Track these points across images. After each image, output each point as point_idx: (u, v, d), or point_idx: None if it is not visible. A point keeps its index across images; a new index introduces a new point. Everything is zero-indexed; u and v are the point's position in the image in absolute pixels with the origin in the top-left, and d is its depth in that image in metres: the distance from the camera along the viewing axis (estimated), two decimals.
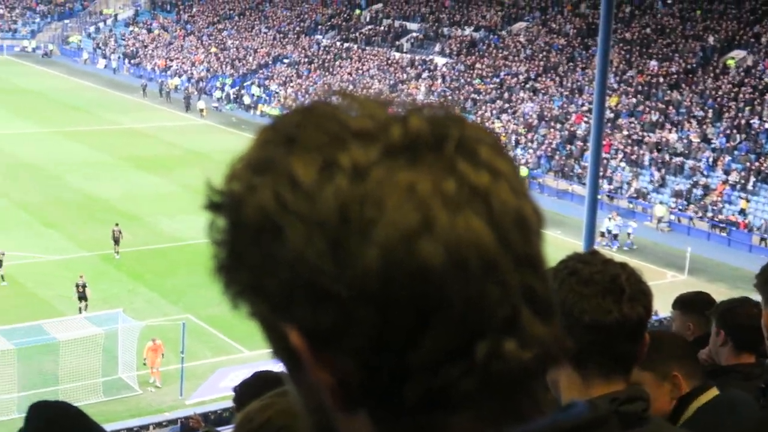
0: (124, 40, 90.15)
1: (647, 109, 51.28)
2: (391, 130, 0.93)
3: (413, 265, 0.89)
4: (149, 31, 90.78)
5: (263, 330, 0.99)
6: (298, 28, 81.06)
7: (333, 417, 0.97)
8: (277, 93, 69.89)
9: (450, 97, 59.22)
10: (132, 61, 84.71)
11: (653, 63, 55.48)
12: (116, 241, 36.97)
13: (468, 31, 70.14)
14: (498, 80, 61.09)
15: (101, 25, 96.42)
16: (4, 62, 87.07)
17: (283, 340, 0.96)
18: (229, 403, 23.65)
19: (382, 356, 0.92)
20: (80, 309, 31.24)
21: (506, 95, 58.94)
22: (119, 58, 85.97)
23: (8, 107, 65.58)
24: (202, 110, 67.13)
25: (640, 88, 53.55)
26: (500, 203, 0.93)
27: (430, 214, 0.89)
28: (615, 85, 52.83)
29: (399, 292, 0.89)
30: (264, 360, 28.03)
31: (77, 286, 31.68)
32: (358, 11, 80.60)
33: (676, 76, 53.41)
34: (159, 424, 24.88)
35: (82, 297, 31.51)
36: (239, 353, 28.98)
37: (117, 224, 37.61)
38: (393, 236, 0.89)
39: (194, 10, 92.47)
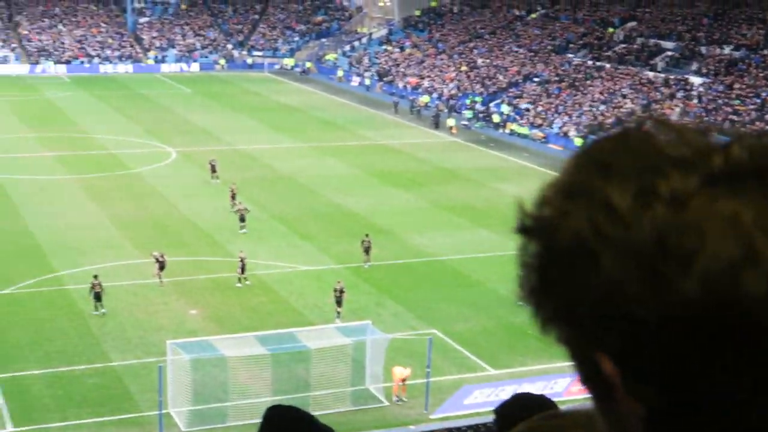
0: (377, 58, 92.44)
1: None
2: (711, 158, 0.91)
3: (735, 297, 0.85)
4: (402, 49, 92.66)
5: (572, 357, 0.97)
6: (549, 47, 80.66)
7: None
8: (527, 111, 69.74)
9: (706, 119, 57.32)
10: (384, 79, 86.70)
11: None
12: (366, 251, 37.95)
13: (727, 50, 67.74)
14: (759, 101, 58.65)
15: (356, 43, 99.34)
16: (266, 79, 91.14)
17: (593, 368, 0.94)
18: (474, 421, 23.71)
19: (695, 388, 0.89)
20: (336, 313, 32.35)
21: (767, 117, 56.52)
22: (372, 75, 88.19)
23: (268, 122, 68.55)
24: (451, 128, 67.83)
25: None
26: None
27: (754, 246, 0.85)
28: None
29: (717, 324, 0.86)
30: (509, 379, 27.88)
31: (335, 290, 32.86)
32: (611, 29, 79.35)
33: None
34: None
35: (339, 302, 32.59)
36: (484, 371, 28.96)
37: (367, 235, 38.65)
38: (715, 268, 0.85)
39: (446, 29, 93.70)
